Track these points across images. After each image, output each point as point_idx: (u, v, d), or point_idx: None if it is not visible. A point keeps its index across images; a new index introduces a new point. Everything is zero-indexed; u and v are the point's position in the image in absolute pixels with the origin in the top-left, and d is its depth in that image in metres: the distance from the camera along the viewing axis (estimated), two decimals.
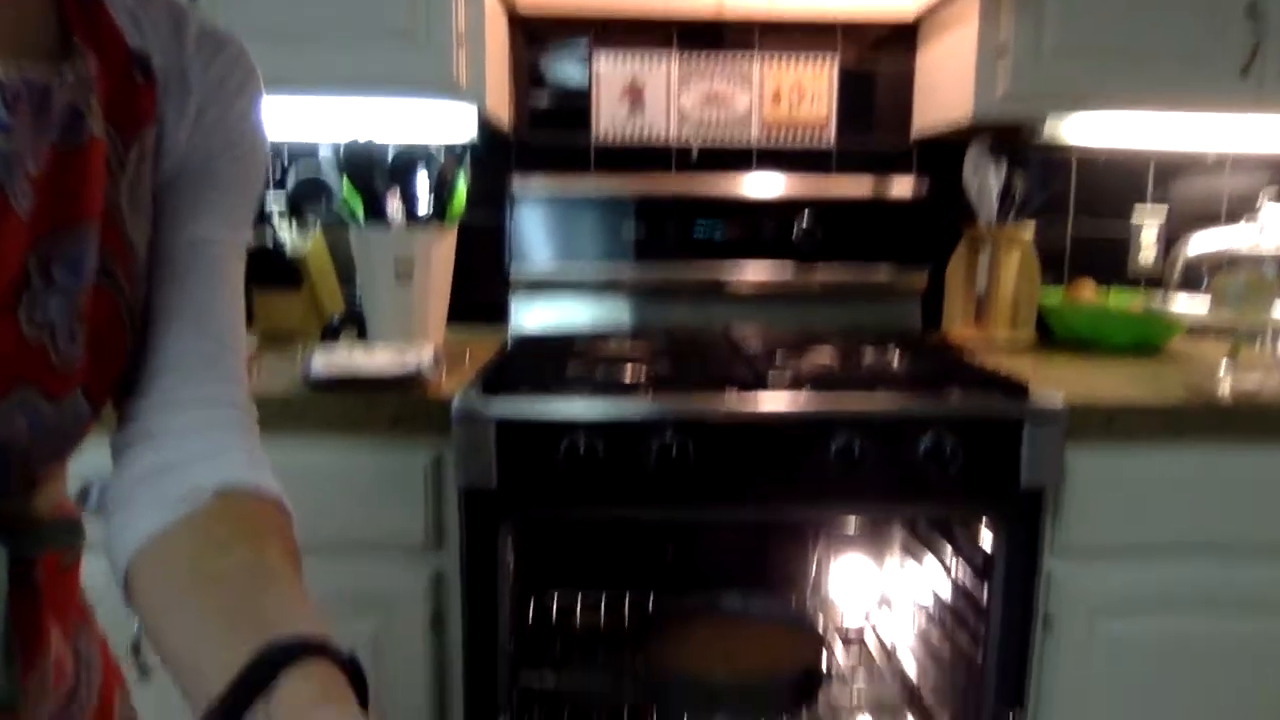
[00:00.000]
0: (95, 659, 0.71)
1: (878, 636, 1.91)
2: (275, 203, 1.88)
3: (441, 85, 1.62)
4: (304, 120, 1.81)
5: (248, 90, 0.68)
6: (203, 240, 0.67)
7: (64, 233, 0.57)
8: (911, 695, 1.73)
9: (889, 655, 1.85)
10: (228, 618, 0.53)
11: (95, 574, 0.67)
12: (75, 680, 0.68)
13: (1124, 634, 1.44)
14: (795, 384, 1.38)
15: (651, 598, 1.82)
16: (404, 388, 1.38)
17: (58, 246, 0.57)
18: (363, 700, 0.52)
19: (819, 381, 1.40)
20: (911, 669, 1.77)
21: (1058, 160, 2.04)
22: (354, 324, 1.75)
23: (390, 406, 1.35)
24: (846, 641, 1.88)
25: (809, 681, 1.38)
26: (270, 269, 1.80)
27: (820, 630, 1.53)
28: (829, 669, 1.42)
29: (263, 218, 1.80)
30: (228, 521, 0.60)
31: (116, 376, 0.64)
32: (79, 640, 0.69)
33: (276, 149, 1.96)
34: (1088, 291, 1.95)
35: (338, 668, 0.51)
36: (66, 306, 0.58)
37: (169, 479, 0.61)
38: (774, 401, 1.34)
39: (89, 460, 0.70)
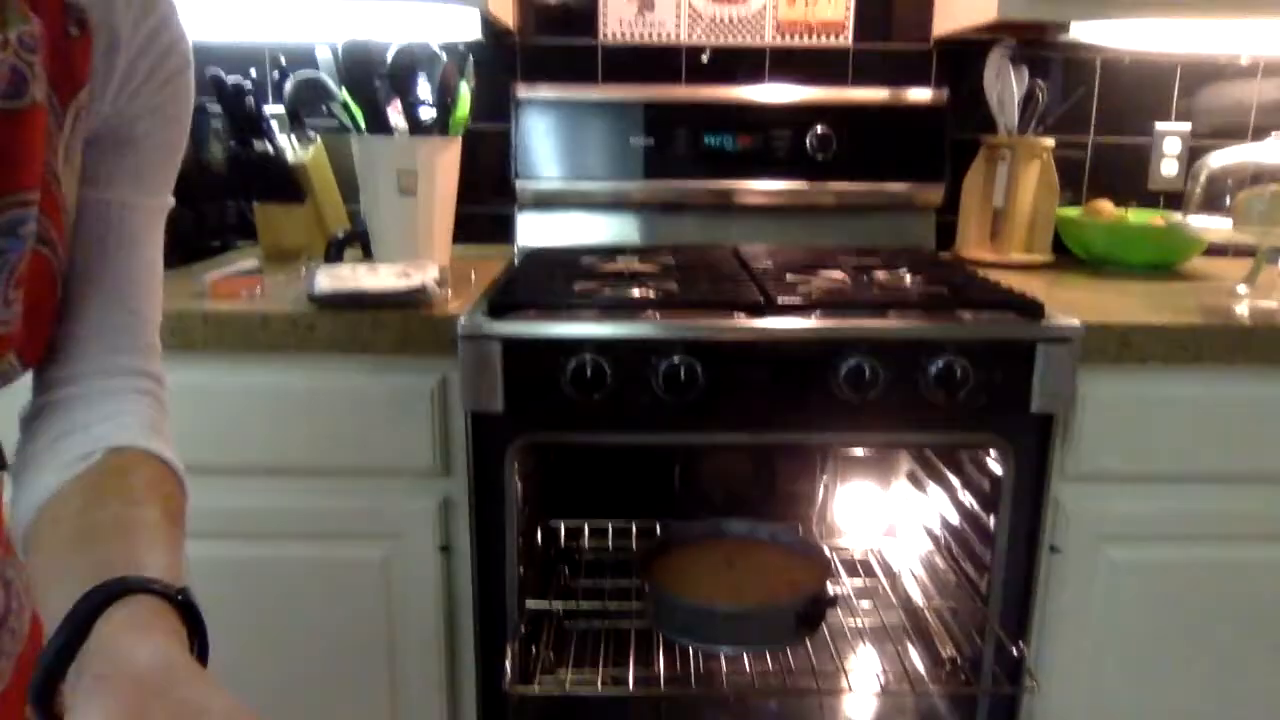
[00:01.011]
0: (25, 590, 0.71)
1: (883, 563, 1.92)
2: (274, 113, 1.82)
3: None
4: (299, 21, 1.75)
5: (176, 52, 0.66)
6: (122, 205, 0.66)
7: (4, 199, 0.56)
8: (916, 622, 1.74)
9: (894, 582, 1.86)
10: (91, 573, 0.52)
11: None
12: (5, 609, 0.69)
13: (1131, 561, 1.43)
14: (805, 305, 1.35)
15: (658, 525, 1.83)
16: (409, 306, 1.36)
17: None
18: (202, 636, 0.53)
19: (829, 303, 1.37)
20: (917, 595, 1.79)
21: (1081, 65, 1.97)
22: (359, 240, 1.71)
23: (396, 327, 1.33)
24: (852, 568, 1.88)
25: (814, 608, 1.38)
26: (272, 182, 1.76)
27: (826, 557, 1.53)
28: (834, 596, 1.42)
29: (262, 129, 1.75)
30: (113, 476, 0.61)
31: (48, 338, 0.64)
32: (8, 570, 0.70)
33: (272, 54, 1.90)
34: (1106, 210, 1.90)
35: (168, 605, 0.51)
36: (3, 272, 0.57)
37: (71, 441, 0.62)
38: (783, 323, 1.31)
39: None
